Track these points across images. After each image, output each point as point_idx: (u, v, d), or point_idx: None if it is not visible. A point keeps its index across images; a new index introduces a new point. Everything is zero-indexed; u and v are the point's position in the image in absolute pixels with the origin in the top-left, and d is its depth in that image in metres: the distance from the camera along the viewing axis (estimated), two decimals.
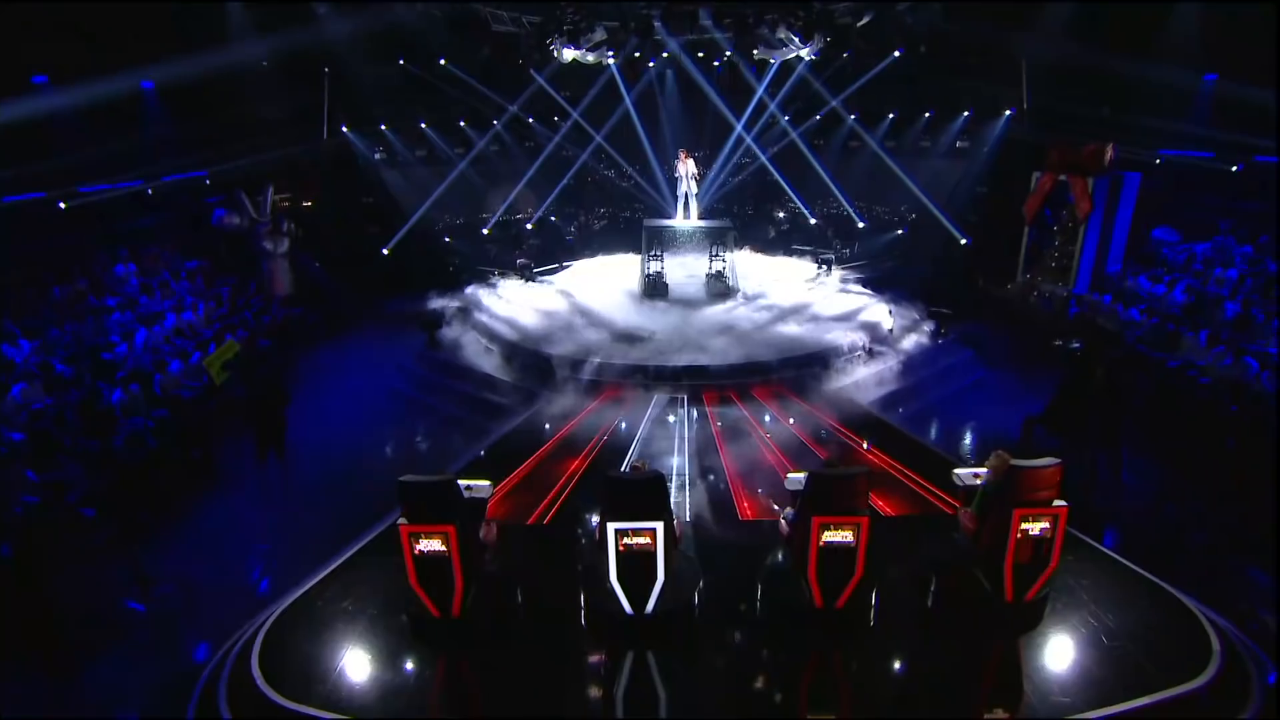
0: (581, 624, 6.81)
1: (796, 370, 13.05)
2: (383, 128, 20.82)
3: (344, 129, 19.74)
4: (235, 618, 7.22)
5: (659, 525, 6.28)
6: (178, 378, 12.09)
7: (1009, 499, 6.28)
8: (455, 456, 10.95)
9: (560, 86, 21.21)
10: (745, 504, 9.33)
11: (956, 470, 7.36)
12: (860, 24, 17.61)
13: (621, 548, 6.32)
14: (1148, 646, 6.32)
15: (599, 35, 16.81)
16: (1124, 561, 7.49)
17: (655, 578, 6.42)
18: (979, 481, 6.89)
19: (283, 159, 17.18)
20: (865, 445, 10.73)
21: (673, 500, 9.02)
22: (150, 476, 9.73)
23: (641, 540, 6.30)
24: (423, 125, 21.60)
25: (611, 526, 6.29)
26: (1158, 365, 12.25)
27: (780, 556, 7.01)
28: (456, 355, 14.67)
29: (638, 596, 6.46)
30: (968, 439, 11.89)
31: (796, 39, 16.87)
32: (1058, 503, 6.30)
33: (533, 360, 13.68)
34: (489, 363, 14.29)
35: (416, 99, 20.78)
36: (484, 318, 15.77)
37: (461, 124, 21.82)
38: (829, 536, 6.28)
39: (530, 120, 22.56)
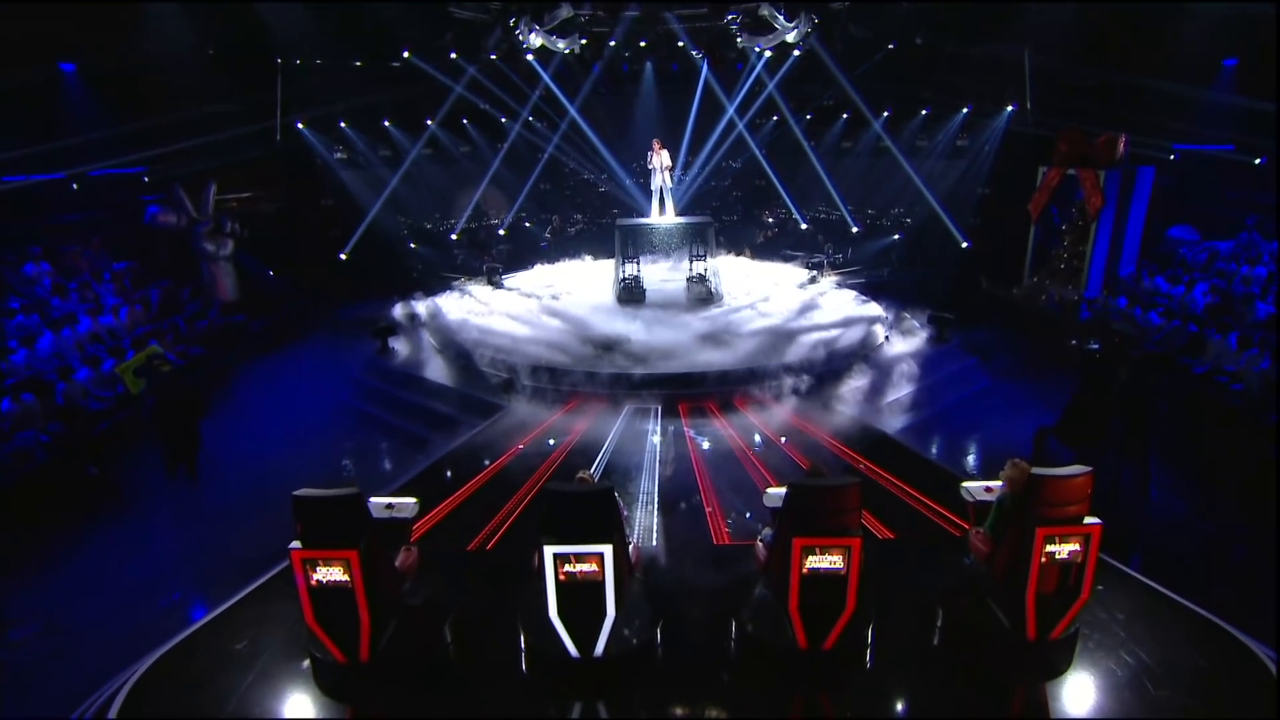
0: (521, 668, 5.81)
1: (782, 379, 12.28)
2: (342, 125, 20.06)
3: (300, 126, 18.90)
4: (109, 668, 6.06)
5: (606, 549, 5.31)
6: (85, 386, 11.09)
7: (1030, 515, 5.35)
8: (399, 474, 10.09)
9: (531, 81, 20.45)
10: (721, 526, 8.47)
11: (965, 484, 6.46)
12: (847, 3, 16.88)
13: (562, 576, 5.37)
14: (1203, 695, 5.33)
15: (564, 13, 16.13)
16: (1167, 592, 6.49)
17: (604, 613, 5.47)
18: (992, 496, 6.00)
19: (227, 150, 16.19)
20: (861, 466, 9.75)
21: (639, 522, 8.10)
22: (27, 497, 8.63)
23: (586, 567, 5.35)
24: (386, 124, 20.86)
25: (550, 550, 5.32)
26: (1183, 370, 11.65)
27: (760, 587, 6.06)
28: (409, 364, 13.98)
29: (584, 635, 5.52)
30: (973, 452, 11.13)
31: (781, 17, 16.18)
32: (1089, 520, 5.34)
33: (492, 369, 13.04)
34: (445, 372, 13.57)
35: (379, 93, 19.88)
36: (442, 324, 15.20)
37: (428, 122, 20.94)
38: (813, 562, 5.35)
39: (504, 120, 21.96)
